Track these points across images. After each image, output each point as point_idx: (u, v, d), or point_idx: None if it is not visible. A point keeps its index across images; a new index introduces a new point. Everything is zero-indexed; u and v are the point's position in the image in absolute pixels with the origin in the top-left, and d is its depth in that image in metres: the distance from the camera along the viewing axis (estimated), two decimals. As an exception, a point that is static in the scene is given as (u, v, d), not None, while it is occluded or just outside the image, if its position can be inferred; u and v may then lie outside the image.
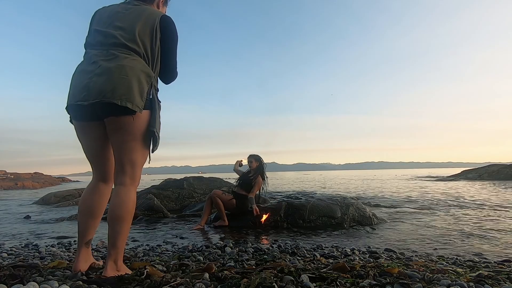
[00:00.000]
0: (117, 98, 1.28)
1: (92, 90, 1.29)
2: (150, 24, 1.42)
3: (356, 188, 12.67)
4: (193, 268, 1.65)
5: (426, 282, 1.40)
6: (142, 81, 1.36)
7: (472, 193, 9.26)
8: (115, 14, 1.44)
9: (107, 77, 1.30)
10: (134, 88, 1.32)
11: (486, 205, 6.16)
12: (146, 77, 1.38)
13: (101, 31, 1.42)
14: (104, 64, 1.33)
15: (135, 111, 1.31)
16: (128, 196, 1.40)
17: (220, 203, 4.03)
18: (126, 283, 1.27)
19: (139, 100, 1.33)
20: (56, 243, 3.04)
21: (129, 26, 1.40)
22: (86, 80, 1.32)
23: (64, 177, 35.53)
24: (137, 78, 1.34)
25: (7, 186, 20.48)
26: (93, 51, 1.40)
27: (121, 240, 1.38)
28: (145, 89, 1.36)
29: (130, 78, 1.32)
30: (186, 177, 7.29)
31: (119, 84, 1.30)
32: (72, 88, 1.38)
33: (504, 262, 2.22)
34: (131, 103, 1.30)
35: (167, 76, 1.56)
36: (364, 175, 36.78)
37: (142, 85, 1.35)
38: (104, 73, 1.31)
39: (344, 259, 2.26)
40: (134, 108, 1.30)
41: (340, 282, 1.35)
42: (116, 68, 1.32)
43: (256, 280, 1.24)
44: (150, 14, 1.45)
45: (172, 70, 1.55)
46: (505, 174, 15.56)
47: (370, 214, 4.52)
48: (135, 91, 1.32)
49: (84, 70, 1.37)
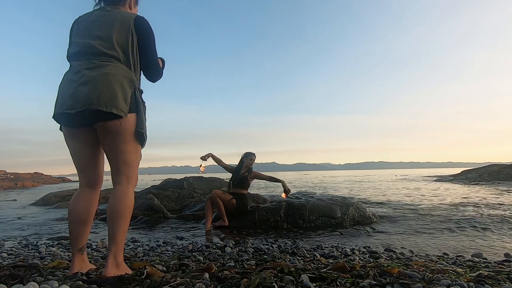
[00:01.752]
0: (102, 105, 1.34)
1: (79, 99, 1.36)
2: (125, 29, 1.48)
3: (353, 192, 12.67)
4: (193, 268, 1.65)
5: (426, 282, 1.40)
6: (125, 86, 1.42)
7: (472, 194, 9.26)
8: (91, 24, 1.50)
9: (92, 86, 1.37)
10: (118, 94, 1.38)
11: (487, 206, 6.16)
12: (128, 82, 1.44)
13: (81, 43, 1.48)
14: (88, 73, 1.40)
15: (120, 116, 1.38)
16: (125, 193, 1.46)
17: (220, 203, 4.02)
18: (126, 283, 1.27)
19: (124, 105, 1.39)
20: (56, 243, 3.04)
21: (106, 35, 1.46)
22: (72, 89, 1.39)
23: (64, 177, 35.53)
24: (120, 84, 1.40)
25: (7, 186, 20.48)
26: (77, 62, 1.46)
27: (121, 235, 1.42)
28: (128, 94, 1.42)
29: (113, 85, 1.38)
30: (186, 177, 7.30)
31: (103, 91, 1.36)
32: (60, 97, 1.43)
33: (504, 262, 2.22)
34: (116, 109, 1.36)
35: (151, 75, 1.62)
36: (364, 175, 36.78)
37: (125, 90, 1.41)
38: (89, 81, 1.38)
39: (344, 259, 2.26)
40: (119, 113, 1.36)
41: (340, 282, 1.35)
42: (99, 76, 1.39)
43: (256, 280, 1.24)
44: (124, 18, 1.50)
45: (154, 69, 1.60)
46: (505, 174, 15.54)
47: (370, 214, 4.52)
48: (119, 97, 1.38)
49: (70, 80, 1.43)
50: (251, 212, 4.14)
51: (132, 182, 1.51)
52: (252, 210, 4.19)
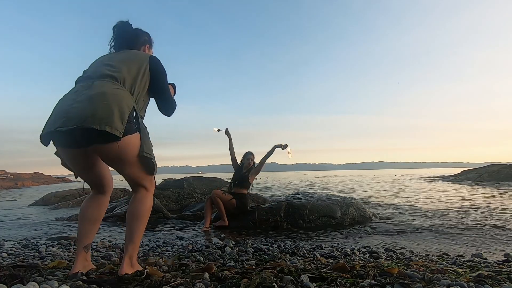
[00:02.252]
0: (97, 123, 1.26)
1: (72, 116, 1.28)
2: (138, 63, 1.51)
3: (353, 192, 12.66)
4: (193, 268, 1.65)
5: (426, 282, 1.40)
6: (122, 106, 1.35)
7: (472, 194, 9.26)
8: (106, 58, 1.55)
9: (88, 103, 1.31)
10: (115, 112, 1.31)
11: (487, 207, 6.16)
12: (127, 103, 1.38)
13: (91, 70, 1.50)
14: (86, 92, 1.36)
15: (115, 135, 1.28)
16: (145, 199, 1.51)
17: (220, 203, 4.02)
18: (126, 283, 1.27)
19: (119, 124, 1.30)
20: (56, 243, 3.04)
21: (117, 63, 1.49)
22: (66, 107, 1.33)
23: (64, 177, 35.53)
24: (117, 103, 1.34)
25: (7, 186, 20.48)
26: (80, 84, 1.45)
27: (138, 237, 1.47)
28: (125, 114, 1.34)
29: (110, 103, 1.32)
30: (186, 177, 7.30)
31: (99, 109, 1.29)
32: (52, 115, 1.38)
33: (504, 262, 2.22)
34: (110, 127, 1.27)
35: (166, 110, 1.67)
36: (364, 175, 36.76)
37: (122, 109, 1.34)
38: (85, 100, 1.32)
39: (344, 259, 2.25)
40: (113, 131, 1.27)
41: (340, 282, 1.35)
42: (97, 94, 1.33)
43: (256, 280, 1.24)
44: (139, 55, 1.57)
45: (169, 102, 1.65)
46: (505, 174, 15.55)
47: (370, 214, 4.52)
48: (115, 115, 1.30)
49: (66, 98, 1.40)
50: (251, 212, 4.14)
51: (151, 189, 1.55)
52: (252, 210, 4.19)
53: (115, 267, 1.63)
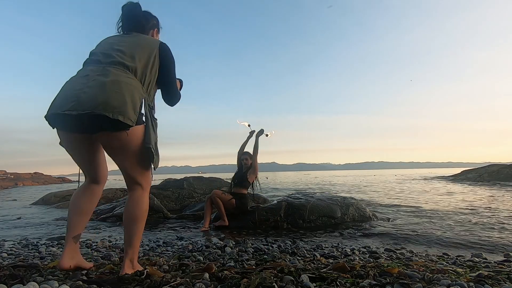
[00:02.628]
0: (109, 111, 1.25)
1: (83, 101, 1.26)
2: (148, 50, 1.48)
3: (353, 192, 12.67)
4: (193, 268, 1.65)
5: (426, 282, 1.40)
6: (135, 96, 1.35)
7: (472, 194, 9.26)
8: (115, 41, 1.51)
9: (100, 90, 1.28)
10: (128, 102, 1.30)
11: (487, 206, 6.16)
12: (139, 94, 1.38)
13: (100, 53, 1.46)
14: (98, 78, 1.33)
15: (127, 124, 1.29)
16: (141, 199, 1.48)
17: (220, 203, 4.02)
18: (126, 283, 1.27)
19: (132, 114, 1.30)
20: (56, 243, 3.04)
21: (129, 50, 1.46)
22: (76, 91, 1.30)
23: (64, 177, 35.52)
24: (130, 93, 1.33)
25: (7, 186, 20.48)
26: (89, 67, 1.41)
27: (137, 240, 1.45)
28: (137, 104, 1.35)
29: (124, 92, 1.31)
30: (186, 177, 7.30)
31: (111, 97, 1.27)
32: (59, 98, 1.34)
33: (504, 262, 2.22)
34: (123, 116, 1.27)
35: (170, 99, 1.65)
36: (364, 175, 36.77)
37: (135, 99, 1.34)
38: (97, 86, 1.30)
39: (344, 259, 2.26)
40: (126, 121, 1.27)
41: (340, 282, 1.35)
42: (110, 82, 1.31)
43: (256, 280, 1.24)
44: (149, 41, 1.53)
45: (173, 94, 1.63)
46: (505, 174, 15.54)
47: (370, 214, 4.52)
48: (128, 104, 1.30)
49: (75, 82, 1.36)
50: (251, 212, 4.14)
51: (147, 188, 1.52)
52: (252, 210, 4.19)
53: (115, 267, 1.63)
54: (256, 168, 4.24)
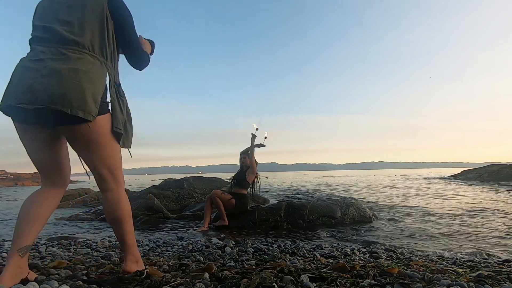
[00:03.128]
0: (67, 106, 1.12)
1: (39, 93, 1.12)
2: (98, 12, 1.27)
3: (353, 192, 12.66)
4: (193, 268, 1.65)
5: (426, 282, 1.40)
6: (97, 85, 1.21)
7: (472, 194, 9.26)
8: (58, 6, 1.27)
9: (56, 80, 1.14)
10: (87, 94, 1.17)
11: (489, 208, 6.16)
12: (101, 82, 1.24)
13: (46, 27, 1.24)
14: (53, 64, 1.17)
15: (88, 120, 1.17)
16: (118, 199, 1.36)
17: (220, 203, 4.02)
18: (126, 283, 1.27)
19: (93, 107, 1.18)
20: (56, 243, 3.04)
21: (77, 19, 1.25)
22: (30, 80, 1.15)
23: (64, 177, 35.47)
24: (91, 83, 1.19)
25: (7, 186, 20.49)
26: (39, 47, 1.22)
27: (129, 238, 1.40)
28: (99, 94, 1.22)
29: (83, 83, 1.17)
30: (186, 177, 7.30)
31: (70, 89, 1.14)
32: (12, 87, 1.18)
33: (504, 262, 2.22)
34: (83, 111, 1.15)
35: (136, 62, 1.45)
36: (364, 175, 36.76)
37: (96, 90, 1.21)
38: (53, 75, 1.14)
39: (344, 259, 2.25)
40: (86, 116, 1.15)
41: (340, 282, 1.35)
42: (67, 71, 1.16)
43: (256, 280, 1.24)
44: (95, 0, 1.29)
45: (137, 55, 1.43)
46: (505, 174, 15.55)
47: (370, 214, 4.52)
48: (88, 97, 1.17)
49: (28, 68, 1.19)
50: (251, 212, 4.14)
51: (121, 184, 1.39)
52: (252, 210, 4.19)
53: (115, 267, 1.63)
54: (254, 168, 4.22)
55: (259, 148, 4.27)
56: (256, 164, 4.30)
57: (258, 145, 4.25)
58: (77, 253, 2.46)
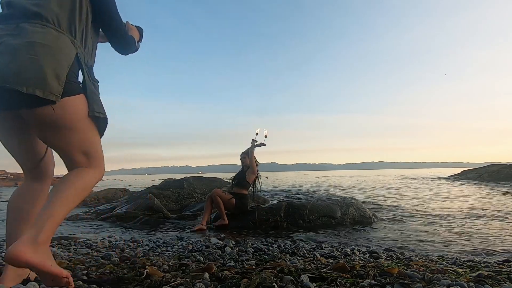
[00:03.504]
0: (22, 84, 0.98)
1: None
2: None
3: (353, 192, 12.66)
4: (193, 268, 1.65)
5: (426, 282, 1.40)
6: (59, 60, 1.05)
7: (471, 194, 9.26)
8: None
9: (11, 57, 1.01)
10: (47, 70, 1.01)
11: (489, 208, 6.16)
12: (66, 57, 1.08)
13: (9, 2, 1.11)
14: (9, 40, 1.04)
15: (50, 100, 1.02)
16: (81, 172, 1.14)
17: (220, 202, 4.02)
18: (126, 283, 1.27)
19: (54, 85, 1.02)
20: (56, 243, 3.04)
21: None
22: None
23: (64, 177, 35.48)
24: (51, 58, 1.04)
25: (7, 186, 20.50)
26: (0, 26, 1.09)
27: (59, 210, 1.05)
28: (63, 70, 1.05)
29: (42, 57, 1.02)
30: (186, 177, 7.30)
31: (25, 65, 1.00)
32: None
33: (504, 262, 2.22)
34: (42, 90, 1.00)
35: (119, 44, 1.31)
36: (364, 175, 36.77)
37: (59, 65, 1.05)
38: (7, 52, 1.02)
39: (344, 259, 2.25)
40: (46, 95, 1.00)
41: (340, 282, 1.35)
42: (23, 45, 1.02)
43: (256, 280, 1.24)
44: None
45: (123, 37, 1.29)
46: (505, 174, 15.54)
47: (370, 214, 4.52)
48: (48, 74, 1.01)
49: None
50: (251, 212, 4.14)
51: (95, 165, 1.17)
52: (252, 210, 4.19)
53: (115, 267, 1.63)
54: (254, 168, 4.23)
55: (259, 147, 4.28)
56: (257, 164, 4.31)
57: (259, 145, 4.25)
58: (77, 253, 2.46)
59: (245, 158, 4.32)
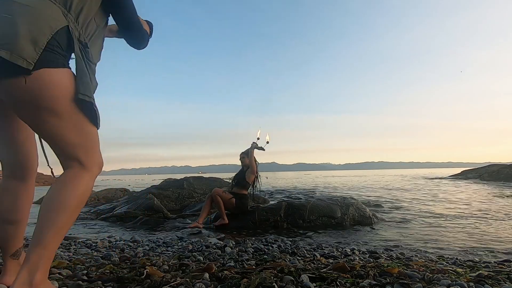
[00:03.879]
0: None
1: None
2: None
3: (353, 192, 12.66)
4: (193, 268, 1.65)
5: (426, 282, 1.40)
6: (39, 24, 0.87)
7: (471, 193, 9.26)
8: None
9: None
10: (20, 30, 0.84)
11: (489, 209, 6.16)
12: (49, 20, 0.89)
13: None
14: None
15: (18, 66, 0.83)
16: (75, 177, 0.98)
17: (220, 201, 4.01)
18: (126, 283, 1.27)
19: (28, 49, 0.84)
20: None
21: None
22: None
23: (64, 177, 35.45)
24: (29, 18, 0.87)
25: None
26: None
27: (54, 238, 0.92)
28: (42, 36, 0.87)
29: (17, 17, 0.85)
30: (186, 177, 7.30)
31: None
32: None
33: (504, 262, 2.22)
34: (9, 52, 0.82)
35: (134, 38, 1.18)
36: (364, 175, 36.77)
37: (39, 28, 0.87)
38: None
39: (344, 259, 2.25)
40: (13, 59, 0.82)
41: (340, 282, 1.35)
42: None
43: (256, 280, 1.24)
44: None
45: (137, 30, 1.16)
46: (505, 174, 15.56)
47: (370, 214, 4.52)
48: (20, 35, 0.84)
49: None
50: (251, 212, 4.14)
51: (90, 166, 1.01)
52: (252, 210, 4.19)
53: (115, 267, 1.63)
54: (253, 168, 4.22)
55: (258, 150, 4.28)
56: (257, 164, 4.30)
57: (258, 148, 4.26)
58: (77, 253, 2.46)
59: (244, 158, 4.31)
